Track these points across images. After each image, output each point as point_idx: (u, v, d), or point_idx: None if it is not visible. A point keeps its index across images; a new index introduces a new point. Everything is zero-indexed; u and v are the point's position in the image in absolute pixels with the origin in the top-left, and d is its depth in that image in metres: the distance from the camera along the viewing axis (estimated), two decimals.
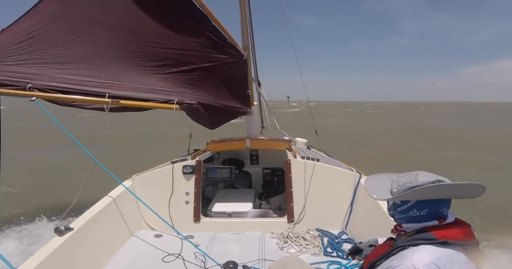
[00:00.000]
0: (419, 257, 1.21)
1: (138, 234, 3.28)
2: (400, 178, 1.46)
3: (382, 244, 1.51)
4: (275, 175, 4.22)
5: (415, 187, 1.35)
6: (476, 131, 22.86)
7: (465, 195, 1.41)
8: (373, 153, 12.88)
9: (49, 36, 3.41)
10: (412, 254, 1.25)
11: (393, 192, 1.46)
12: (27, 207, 6.33)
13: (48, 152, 12.52)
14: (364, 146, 14.96)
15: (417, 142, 16.75)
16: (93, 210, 2.91)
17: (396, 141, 17.22)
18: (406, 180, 1.42)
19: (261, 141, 3.91)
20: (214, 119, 4.07)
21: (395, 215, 1.50)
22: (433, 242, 1.26)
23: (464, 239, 1.27)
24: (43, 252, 2.26)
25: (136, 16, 3.58)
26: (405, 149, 14.35)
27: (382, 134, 20.08)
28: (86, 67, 3.48)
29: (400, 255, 1.29)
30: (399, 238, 1.40)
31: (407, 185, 1.39)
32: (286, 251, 2.93)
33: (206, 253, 2.76)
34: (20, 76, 3.16)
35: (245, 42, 4.05)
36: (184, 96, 3.66)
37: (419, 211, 1.38)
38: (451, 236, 1.27)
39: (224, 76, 3.89)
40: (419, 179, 1.37)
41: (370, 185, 1.60)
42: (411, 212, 1.40)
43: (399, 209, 1.45)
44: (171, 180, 3.49)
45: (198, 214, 3.41)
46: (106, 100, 3.35)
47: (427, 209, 1.37)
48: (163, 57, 3.68)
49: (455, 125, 27.70)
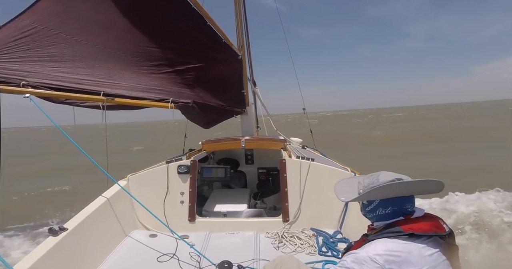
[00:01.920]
0: (374, 247, 1.31)
1: (133, 234, 3.26)
2: (365, 179, 1.56)
3: (358, 240, 1.60)
4: (270, 174, 4.22)
5: (376, 186, 1.44)
6: None
7: (425, 191, 1.56)
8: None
9: (44, 35, 3.41)
10: (369, 245, 1.35)
11: (360, 193, 1.56)
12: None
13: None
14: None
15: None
16: (88, 210, 2.89)
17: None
18: (369, 181, 1.52)
19: (256, 141, 3.91)
20: (209, 118, 4.08)
21: (366, 215, 1.61)
22: (400, 234, 1.33)
23: (431, 231, 1.33)
24: (37, 252, 2.25)
25: (132, 16, 3.60)
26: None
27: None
28: (81, 65, 3.48)
29: (361, 247, 1.39)
30: (371, 233, 1.49)
31: (370, 186, 1.48)
32: (281, 251, 2.91)
33: (201, 253, 2.74)
34: (14, 73, 3.15)
35: (240, 42, 4.06)
36: (180, 95, 3.66)
37: (385, 209, 1.47)
38: (417, 228, 1.33)
39: (219, 76, 3.90)
40: (380, 179, 1.47)
41: (339, 189, 1.71)
42: (377, 210, 1.50)
43: (367, 209, 1.56)
44: (166, 180, 3.48)
45: (193, 214, 3.40)
46: (101, 97, 3.34)
47: (391, 207, 1.46)
48: (158, 56, 3.69)
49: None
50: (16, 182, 9.85)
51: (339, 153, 5.60)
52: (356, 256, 1.32)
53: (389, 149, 15.34)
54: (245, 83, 4.09)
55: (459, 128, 22.24)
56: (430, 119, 37.11)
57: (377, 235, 1.40)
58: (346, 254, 1.41)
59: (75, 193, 7.90)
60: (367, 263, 1.26)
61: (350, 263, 1.31)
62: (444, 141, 16.72)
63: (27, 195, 8.47)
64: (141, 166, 3.85)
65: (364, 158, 11.71)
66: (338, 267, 1.36)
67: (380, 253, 1.27)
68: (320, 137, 7.93)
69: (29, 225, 5.97)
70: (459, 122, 27.28)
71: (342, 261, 1.37)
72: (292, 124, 36.33)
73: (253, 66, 5.07)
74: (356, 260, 1.30)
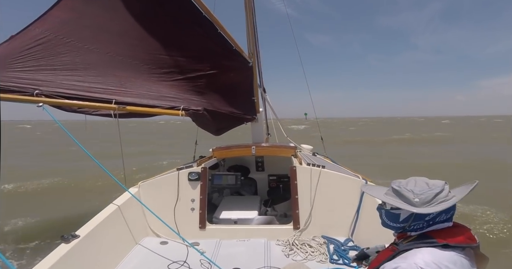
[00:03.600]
0: (421, 257, 1.24)
1: (143, 241, 3.27)
2: (410, 187, 1.39)
3: (385, 249, 1.53)
4: (281, 181, 4.20)
5: (439, 193, 1.34)
6: None
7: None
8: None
9: (57, 43, 3.44)
10: (415, 254, 1.28)
11: (415, 202, 1.35)
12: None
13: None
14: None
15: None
16: (99, 217, 2.91)
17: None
18: (421, 188, 1.37)
19: (267, 148, 3.91)
20: (219, 125, 4.08)
21: (413, 226, 1.39)
22: (435, 245, 1.28)
23: (465, 242, 1.30)
24: (49, 259, 2.26)
25: (143, 24, 3.63)
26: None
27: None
28: (93, 73, 3.51)
29: (403, 256, 1.32)
30: (402, 242, 1.41)
31: (429, 192, 1.34)
32: (291, 259, 2.90)
33: (212, 260, 2.75)
34: (27, 82, 3.18)
35: (250, 49, 4.07)
36: (190, 102, 3.68)
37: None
38: (452, 239, 1.29)
39: (229, 83, 3.91)
40: (433, 184, 1.37)
41: (389, 200, 1.45)
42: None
43: (427, 218, 1.37)
44: (177, 187, 3.49)
45: (204, 221, 3.40)
46: (112, 106, 3.37)
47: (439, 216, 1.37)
48: (169, 64, 3.71)
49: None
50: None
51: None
52: (404, 267, 1.23)
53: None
54: (256, 90, 4.09)
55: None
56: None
57: (410, 245, 1.33)
58: (388, 266, 1.30)
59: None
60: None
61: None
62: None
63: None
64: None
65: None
66: None
67: (430, 263, 1.20)
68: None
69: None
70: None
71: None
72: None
73: (263, 73, 5.09)
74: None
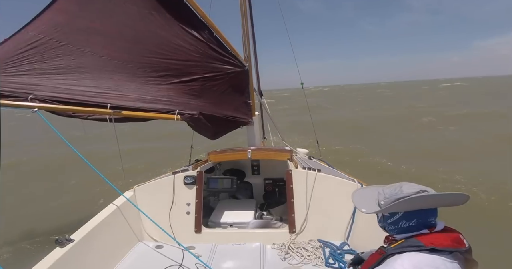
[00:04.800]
0: (400, 263, 1.27)
1: (139, 245, 3.26)
2: (386, 190, 1.50)
3: (374, 253, 1.55)
4: (277, 185, 4.21)
5: (401, 198, 1.39)
6: None
7: (450, 204, 1.48)
8: None
9: (50, 47, 3.42)
10: (395, 260, 1.31)
11: (380, 204, 1.50)
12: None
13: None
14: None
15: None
16: (94, 221, 2.90)
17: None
18: (391, 191, 1.46)
19: (263, 151, 3.91)
20: (215, 129, 4.07)
21: (385, 227, 1.55)
22: (421, 249, 1.30)
23: (452, 246, 1.30)
24: (43, 263, 2.26)
25: (138, 27, 3.61)
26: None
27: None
28: (87, 77, 3.49)
29: (386, 263, 1.35)
30: (390, 246, 1.44)
31: (393, 197, 1.43)
32: (287, 262, 2.91)
33: (207, 264, 2.75)
34: (21, 87, 3.16)
35: (246, 52, 4.07)
36: (186, 106, 3.67)
37: (408, 222, 1.42)
38: (438, 243, 1.30)
39: (225, 87, 3.90)
40: (404, 190, 1.42)
41: (358, 200, 1.64)
42: (400, 223, 1.45)
43: (388, 221, 1.49)
44: (172, 191, 3.48)
45: (199, 225, 3.40)
46: (108, 111, 3.35)
47: (415, 219, 1.41)
48: (164, 67, 3.69)
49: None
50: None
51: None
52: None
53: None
54: (252, 93, 4.09)
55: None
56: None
57: (396, 249, 1.36)
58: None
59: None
60: None
61: None
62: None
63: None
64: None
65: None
66: None
67: (407, 267, 1.23)
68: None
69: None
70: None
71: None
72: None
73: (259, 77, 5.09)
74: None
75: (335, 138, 12.69)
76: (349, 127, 16.57)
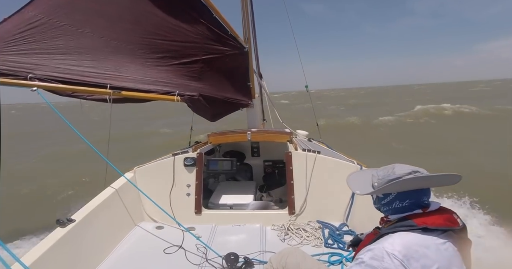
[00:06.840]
0: (391, 242, 1.29)
1: (139, 226, 3.29)
2: (379, 172, 1.53)
3: (369, 233, 1.58)
4: (276, 167, 4.23)
5: (393, 179, 1.41)
6: None
7: (442, 184, 1.54)
8: None
9: (50, 27, 3.39)
10: (386, 239, 1.32)
11: (374, 186, 1.53)
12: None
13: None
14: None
15: None
16: (95, 202, 2.92)
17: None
18: (384, 173, 1.49)
19: (262, 134, 3.91)
20: (215, 111, 4.06)
21: (380, 208, 1.56)
22: (414, 229, 1.31)
23: (445, 225, 1.32)
24: (45, 243, 2.28)
25: (138, 8, 3.58)
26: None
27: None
28: (87, 58, 3.47)
29: (377, 242, 1.36)
30: (383, 226, 1.48)
31: (386, 178, 1.45)
32: (287, 243, 2.93)
33: (208, 245, 2.77)
34: (21, 66, 3.15)
35: (246, 34, 4.04)
36: (186, 88, 3.66)
37: (402, 202, 1.45)
38: (431, 222, 1.32)
39: (225, 68, 3.88)
40: (396, 172, 1.44)
41: (352, 182, 1.66)
42: (394, 203, 1.47)
43: (382, 202, 1.52)
44: (173, 172, 3.50)
45: (200, 206, 3.42)
46: (107, 91, 3.34)
47: (408, 199, 1.43)
48: (164, 49, 3.68)
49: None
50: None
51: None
52: (375, 252, 1.28)
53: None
54: (251, 75, 4.06)
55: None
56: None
57: (390, 229, 1.38)
58: (362, 250, 1.38)
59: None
60: (386, 259, 1.24)
61: (369, 260, 1.28)
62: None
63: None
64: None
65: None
66: (356, 264, 1.33)
67: (398, 248, 1.25)
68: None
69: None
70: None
71: (359, 257, 1.34)
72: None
73: (259, 59, 5.06)
74: (375, 256, 1.27)
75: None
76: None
